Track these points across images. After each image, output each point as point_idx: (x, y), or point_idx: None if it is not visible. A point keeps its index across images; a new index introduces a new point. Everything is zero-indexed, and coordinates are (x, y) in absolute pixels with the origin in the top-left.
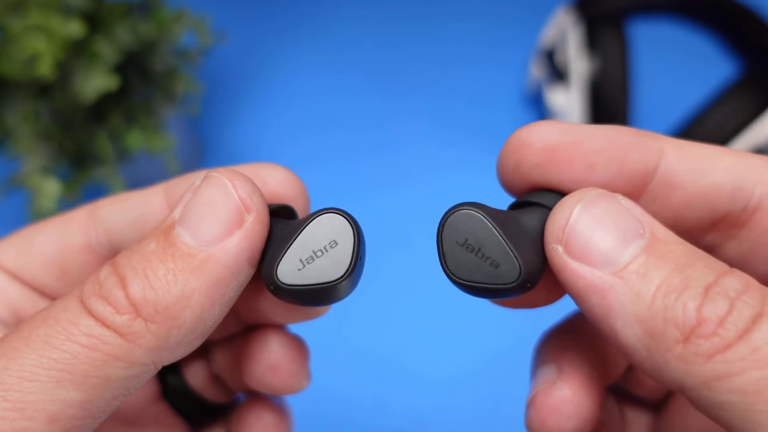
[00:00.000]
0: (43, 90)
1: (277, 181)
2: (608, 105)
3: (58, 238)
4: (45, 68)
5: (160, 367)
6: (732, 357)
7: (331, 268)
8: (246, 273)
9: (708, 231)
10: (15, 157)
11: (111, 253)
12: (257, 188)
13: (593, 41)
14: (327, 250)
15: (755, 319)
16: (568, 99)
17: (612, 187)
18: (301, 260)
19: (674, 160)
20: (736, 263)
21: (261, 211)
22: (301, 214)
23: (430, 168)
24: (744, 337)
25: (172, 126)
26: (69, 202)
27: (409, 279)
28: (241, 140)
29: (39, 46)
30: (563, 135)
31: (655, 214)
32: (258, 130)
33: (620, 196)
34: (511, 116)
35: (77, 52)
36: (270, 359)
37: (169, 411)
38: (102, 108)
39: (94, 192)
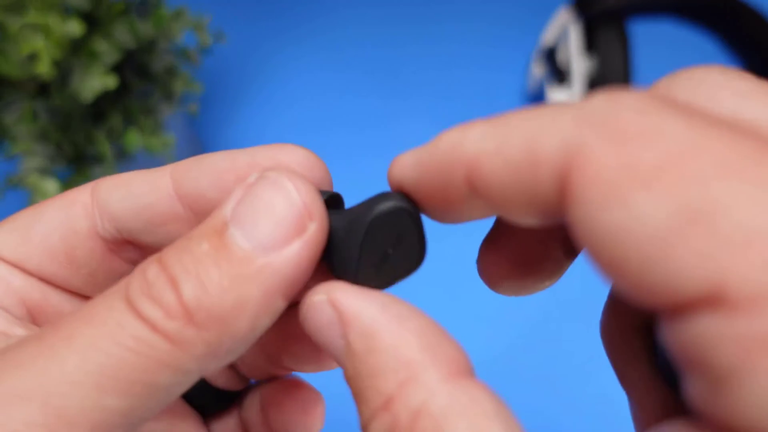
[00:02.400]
0: (41, 89)
1: (300, 165)
2: None
3: (62, 224)
4: (43, 67)
5: (204, 374)
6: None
7: (404, 260)
8: (303, 282)
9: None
10: (13, 156)
11: (118, 239)
12: (318, 192)
13: (594, 41)
14: (396, 246)
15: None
16: (569, 98)
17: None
18: (375, 264)
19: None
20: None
21: (323, 219)
22: None
23: None
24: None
25: (171, 126)
26: None
27: (408, 280)
28: (240, 140)
29: (37, 45)
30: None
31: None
32: (257, 129)
33: (332, 288)
34: None
35: (76, 51)
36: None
37: (180, 401)
38: (100, 107)
39: None
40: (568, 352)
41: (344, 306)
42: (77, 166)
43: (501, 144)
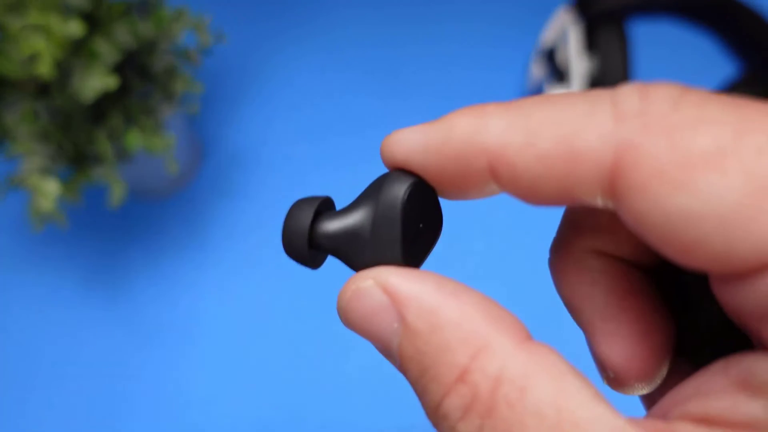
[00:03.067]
0: (42, 90)
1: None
2: None
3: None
4: (44, 68)
5: None
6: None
7: (430, 231)
8: None
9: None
10: (14, 157)
11: None
12: None
13: (593, 41)
14: (424, 220)
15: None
16: None
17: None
18: (411, 242)
19: (505, 164)
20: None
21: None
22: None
23: None
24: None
25: (171, 126)
26: (68, 202)
27: None
28: (240, 140)
29: (38, 46)
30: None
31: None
32: (258, 129)
33: (379, 273)
34: None
35: (76, 51)
36: None
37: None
38: (101, 108)
39: (94, 192)
40: (570, 354)
41: (398, 288)
42: (78, 166)
43: (531, 137)
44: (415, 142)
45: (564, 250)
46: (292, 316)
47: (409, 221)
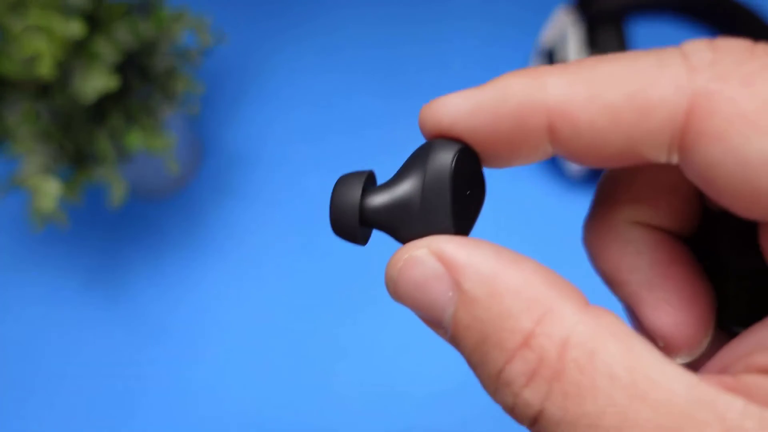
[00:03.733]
0: (43, 90)
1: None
2: None
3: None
4: (45, 68)
5: None
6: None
7: (476, 197)
8: None
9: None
10: (15, 157)
11: None
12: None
13: (593, 41)
14: (471, 187)
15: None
16: None
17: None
18: (461, 210)
19: (566, 119)
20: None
21: None
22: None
23: None
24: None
25: (171, 126)
26: (69, 202)
27: None
28: (241, 140)
29: (39, 46)
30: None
31: (582, 152)
32: (258, 129)
33: (434, 241)
34: None
35: (77, 52)
36: None
37: None
38: (102, 108)
39: (95, 192)
40: None
41: (454, 256)
42: (78, 166)
43: (598, 92)
44: (464, 106)
45: (602, 224)
46: (293, 316)
47: (457, 189)
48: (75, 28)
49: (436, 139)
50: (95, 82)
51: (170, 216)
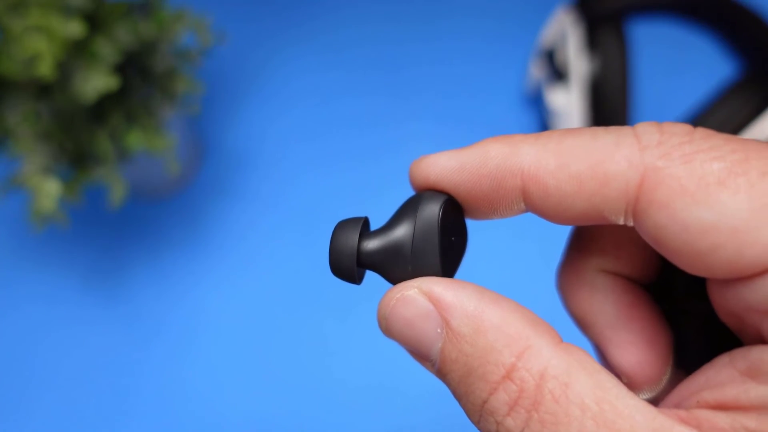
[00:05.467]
0: (43, 90)
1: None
2: (608, 105)
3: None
4: (45, 68)
5: None
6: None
7: (459, 243)
8: None
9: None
10: (15, 157)
11: None
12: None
13: (593, 41)
14: (455, 234)
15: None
16: (568, 99)
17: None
18: (447, 255)
19: (537, 187)
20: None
21: None
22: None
23: None
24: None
25: (172, 126)
26: (69, 202)
27: None
28: (241, 140)
29: (39, 46)
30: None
31: (551, 212)
32: (258, 129)
33: (422, 283)
34: (512, 113)
35: (77, 52)
36: None
37: None
38: (102, 108)
39: (95, 192)
40: None
41: (442, 296)
42: (79, 166)
43: (565, 162)
44: (449, 164)
45: (573, 271)
46: (293, 316)
47: (444, 236)
48: (75, 28)
49: (424, 191)
50: (95, 82)
51: (170, 216)
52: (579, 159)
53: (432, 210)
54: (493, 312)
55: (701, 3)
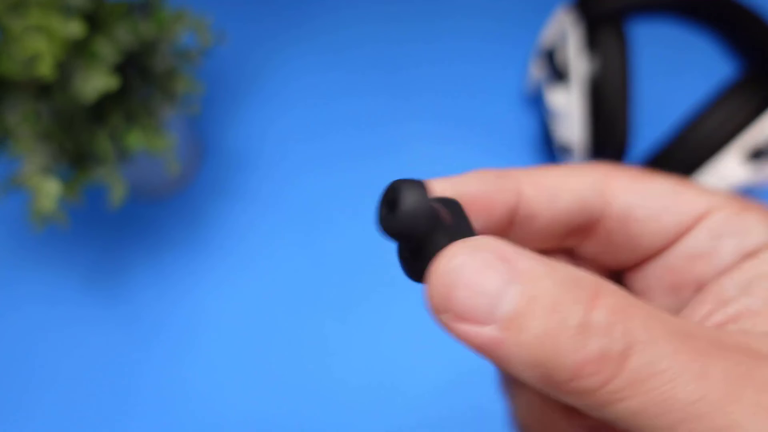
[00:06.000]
0: (43, 90)
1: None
2: (608, 105)
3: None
4: (45, 68)
5: None
6: (614, 389)
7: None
8: None
9: (567, 238)
10: (15, 157)
11: None
12: None
13: (593, 41)
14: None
15: (625, 354)
16: (568, 99)
17: (485, 231)
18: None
19: (530, 195)
20: (590, 258)
21: None
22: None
23: (431, 165)
24: (619, 372)
25: (172, 126)
26: (69, 202)
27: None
28: (241, 140)
29: (39, 47)
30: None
31: (521, 239)
32: (258, 129)
33: (481, 239)
34: (512, 113)
35: (77, 52)
36: None
37: None
38: (102, 108)
39: (95, 192)
40: None
41: (508, 251)
42: (79, 166)
43: (553, 198)
44: (472, 183)
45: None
46: (293, 316)
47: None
48: (75, 29)
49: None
50: (95, 82)
51: (170, 216)
52: (564, 195)
53: (455, 201)
54: (558, 267)
55: (701, 3)
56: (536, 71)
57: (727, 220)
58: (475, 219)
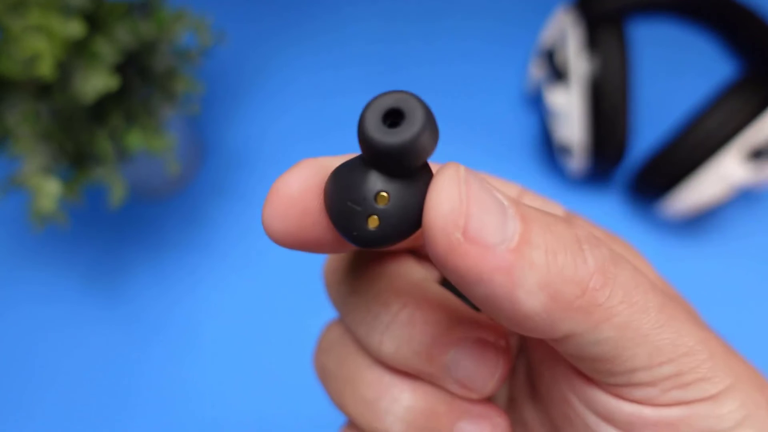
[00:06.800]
0: (43, 90)
1: None
2: (608, 105)
3: None
4: (45, 68)
5: None
6: (613, 301)
7: None
8: None
9: None
10: (15, 157)
11: None
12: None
13: (593, 41)
14: None
15: (615, 264)
16: (568, 99)
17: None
18: None
19: None
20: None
21: None
22: None
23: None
24: (615, 283)
25: (172, 126)
26: (69, 202)
27: None
28: (241, 140)
29: (39, 47)
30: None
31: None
32: (258, 129)
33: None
34: (512, 113)
35: (77, 52)
36: None
37: None
38: (102, 108)
39: (95, 192)
40: None
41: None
42: (79, 166)
43: None
44: None
45: None
46: (293, 316)
47: None
48: (75, 28)
49: None
50: (95, 82)
51: (170, 216)
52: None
53: None
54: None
55: (701, 3)
56: (536, 71)
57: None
58: None
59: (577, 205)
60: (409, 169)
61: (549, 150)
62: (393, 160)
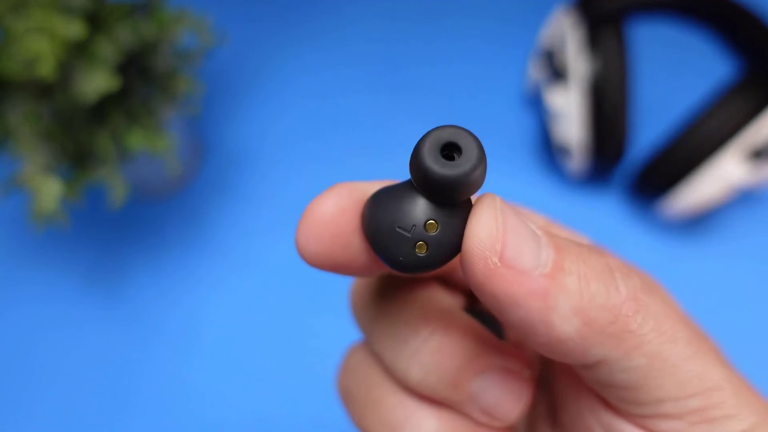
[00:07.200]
0: (44, 90)
1: None
2: (608, 106)
3: None
4: (46, 69)
5: None
6: (644, 329)
7: None
8: None
9: None
10: (16, 157)
11: None
12: None
13: (593, 42)
14: None
15: (645, 293)
16: (567, 100)
17: None
18: None
19: None
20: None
21: None
22: None
23: None
24: (645, 312)
25: (172, 126)
26: (70, 202)
27: None
28: (241, 140)
29: (40, 47)
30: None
31: None
32: (259, 130)
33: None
34: (512, 113)
35: (78, 52)
36: None
37: None
38: (103, 108)
39: (95, 192)
40: None
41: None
42: (79, 166)
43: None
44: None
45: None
46: (294, 316)
47: None
48: (76, 29)
49: None
50: (96, 82)
51: (170, 216)
52: None
53: None
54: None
55: (701, 3)
56: (536, 71)
57: None
58: None
59: (576, 206)
60: (459, 200)
61: (548, 150)
62: (447, 190)
